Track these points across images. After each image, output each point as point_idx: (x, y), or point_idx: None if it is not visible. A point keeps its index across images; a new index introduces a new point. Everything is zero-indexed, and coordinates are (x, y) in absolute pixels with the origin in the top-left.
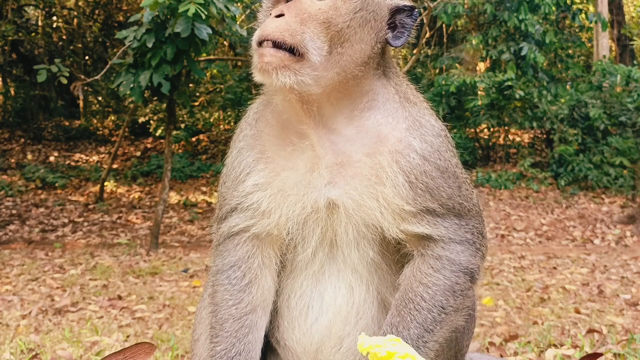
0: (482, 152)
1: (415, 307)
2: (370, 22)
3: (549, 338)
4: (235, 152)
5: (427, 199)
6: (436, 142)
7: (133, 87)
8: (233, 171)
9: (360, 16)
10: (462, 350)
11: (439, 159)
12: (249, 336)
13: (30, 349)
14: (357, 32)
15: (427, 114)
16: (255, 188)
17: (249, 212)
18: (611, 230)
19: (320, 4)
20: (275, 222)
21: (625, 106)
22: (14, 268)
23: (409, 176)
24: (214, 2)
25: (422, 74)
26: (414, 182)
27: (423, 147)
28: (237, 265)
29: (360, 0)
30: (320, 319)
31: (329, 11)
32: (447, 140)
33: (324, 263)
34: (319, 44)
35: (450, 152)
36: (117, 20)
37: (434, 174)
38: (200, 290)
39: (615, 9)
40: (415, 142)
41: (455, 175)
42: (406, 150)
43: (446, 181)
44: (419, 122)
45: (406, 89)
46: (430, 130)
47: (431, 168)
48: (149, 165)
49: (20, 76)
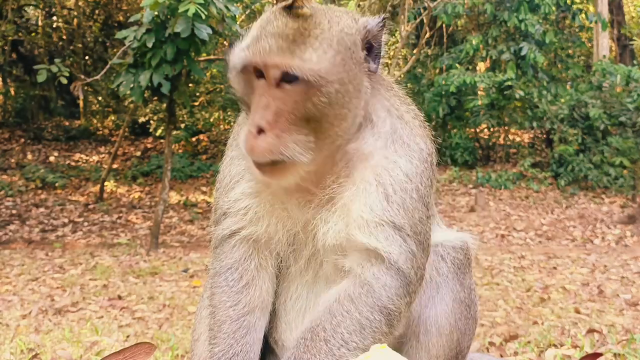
0: (482, 152)
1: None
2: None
3: (549, 338)
4: (228, 160)
5: (400, 214)
6: (421, 167)
7: (133, 87)
8: (225, 178)
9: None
10: (463, 352)
11: (421, 183)
12: (246, 337)
13: (30, 349)
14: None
15: (417, 135)
16: (243, 195)
17: (237, 217)
18: (611, 230)
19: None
20: (264, 229)
21: (625, 106)
22: (14, 268)
23: (387, 189)
24: (214, 2)
25: (422, 74)
26: (392, 196)
27: (408, 168)
28: (234, 267)
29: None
30: None
31: (302, 106)
32: (431, 168)
33: (318, 271)
34: (303, 147)
35: (429, 183)
36: (117, 20)
37: (414, 195)
38: (200, 290)
39: (615, 9)
40: (401, 161)
41: (428, 205)
42: (391, 165)
43: (422, 207)
44: (408, 144)
45: (397, 104)
46: (418, 154)
47: (412, 188)
48: (149, 165)
49: (20, 76)
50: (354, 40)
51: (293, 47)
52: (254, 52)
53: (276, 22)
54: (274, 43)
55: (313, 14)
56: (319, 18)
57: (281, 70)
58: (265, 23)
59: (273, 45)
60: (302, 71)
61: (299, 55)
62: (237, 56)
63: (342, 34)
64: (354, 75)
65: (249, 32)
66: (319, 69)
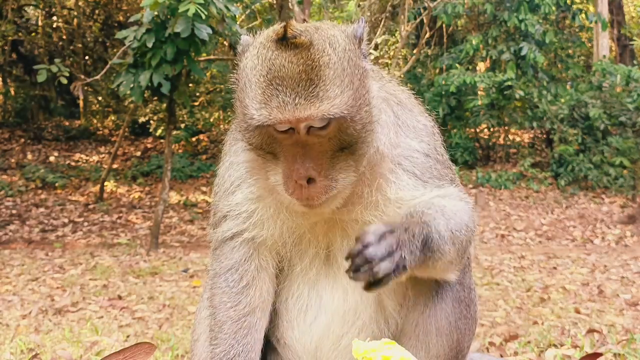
0: (482, 152)
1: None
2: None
3: (549, 338)
4: (227, 165)
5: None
6: (432, 141)
7: (133, 87)
8: (224, 183)
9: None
10: (463, 352)
11: (438, 154)
12: (247, 337)
13: (30, 349)
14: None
15: (417, 114)
16: (246, 200)
17: (239, 220)
18: (611, 230)
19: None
20: (270, 232)
21: (625, 106)
22: (14, 268)
23: (415, 172)
24: (214, 2)
25: (422, 74)
26: (420, 175)
27: (423, 147)
28: (235, 268)
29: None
30: (319, 319)
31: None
32: (440, 138)
33: (320, 269)
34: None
35: (443, 148)
36: (117, 20)
37: (438, 166)
38: (200, 290)
39: (615, 9)
40: (415, 144)
41: (450, 166)
42: (408, 152)
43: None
44: (414, 125)
45: (393, 89)
46: (425, 131)
47: (434, 162)
48: (149, 165)
49: (20, 76)
50: (354, 52)
51: (313, 91)
52: (277, 111)
53: (279, 63)
54: (293, 93)
55: (311, 40)
56: (317, 43)
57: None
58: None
59: (295, 98)
60: (335, 112)
61: (323, 97)
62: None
63: (346, 52)
64: (365, 85)
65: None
66: (347, 101)
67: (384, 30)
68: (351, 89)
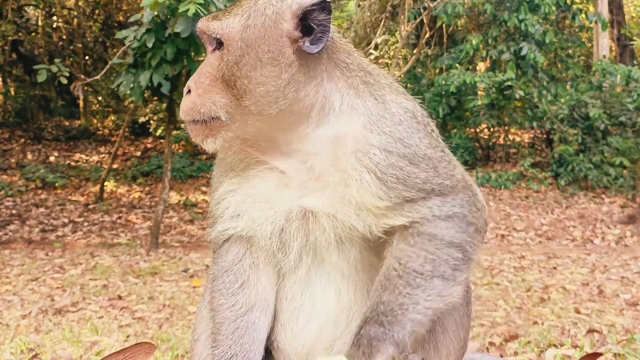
0: (482, 152)
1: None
2: (266, 55)
3: (549, 338)
4: (216, 163)
5: (400, 189)
6: (396, 130)
7: (133, 87)
8: (214, 183)
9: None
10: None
11: (403, 146)
12: (244, 337)
13: (30, 349)
14: (252, 75)
15: (386, 100)
16: (225, 194)
17: (225, 217)
18: (611, 230)
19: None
20: (246, 225)
21: (625, 106)
22: (14, 268)
23: (375, 173)
24: (214, 2)
25: (422, 74)
26: (382, 177)
27: (382, 140)
28: (230, 269)
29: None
30: (312, 322)
31: (220, 68)
32: (414, 122)
33: (310, 267)
34: (222, 105)
35: (418, 135)
36: (117, 20)
37: (401, 164)
38: (200, 290)
39: (615, 9)
40: (372, 138)
41: (427, 157)
42: (366, 147)
43: (417, 167)
44: (377, 114)
45: (361, 76)
46: (390, 119)
47: (396, 159)
48: (149, 165)
49: (20, 76)
50: (278, 13)
51: (222, 14)
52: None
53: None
54: (213, 14)
55: None
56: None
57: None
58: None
59: (210, 16)
60: (215, 31)
61: (220, 20)
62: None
63: (266, 4)
64: (272, 46)
65: None
66: (229, 30)
67: (384, 30)
68: (241, 26)
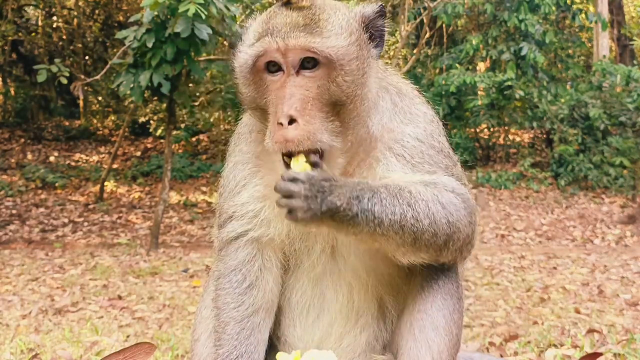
0: (482, 152)
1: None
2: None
3: (549, 338)
4: (231, 166)
5: (425, 166)
6: (429, 127)
7: (133, 87)
8: (229, 184)
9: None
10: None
11: (434, 140)
12: (250, 338)
13: (30, 349)
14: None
15: (417, 104)
16: (252, 199)
17: (244, 220)
18: (611, 230)
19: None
20: (277, 231)
21: (625, 106)
22: (14, 268)
23: (404, 156)
24: (214, 2)
25: (422, 74)
26: (410, 159)
27: (417, 132)
28: (238, 269)
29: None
30: (322, 317)
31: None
32: (439, 127)
33: (325, 266)
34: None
35: (443, 137)
36: (117, 20)
37: (431, 152)
38: (200, 290)
39: (615, 9)
40: (408, 129)
41: (449, 155)
42: (400, 136)
43: (444, 158)
44: (411, 112)
45: (396, 81)
46: (422, 118)
47: (427, 147)
48: (149, 165)
49: (20, 76)
50: (356, 24)
51: (309, 30)
52: (269, 42)
53: (281, 16)
54: (288, 30)
55: (312, 4)
56: (319, 6)
57: (303, 52)
58: (268, 19)
59: (289, 32)
60: (325, 50)
61: (318, 35)
62: (245, 53)
63: (347, 17)
64: (364, 56)
65: (249, 33)
66: (340, 47)
67: None
68: (348, 42)
